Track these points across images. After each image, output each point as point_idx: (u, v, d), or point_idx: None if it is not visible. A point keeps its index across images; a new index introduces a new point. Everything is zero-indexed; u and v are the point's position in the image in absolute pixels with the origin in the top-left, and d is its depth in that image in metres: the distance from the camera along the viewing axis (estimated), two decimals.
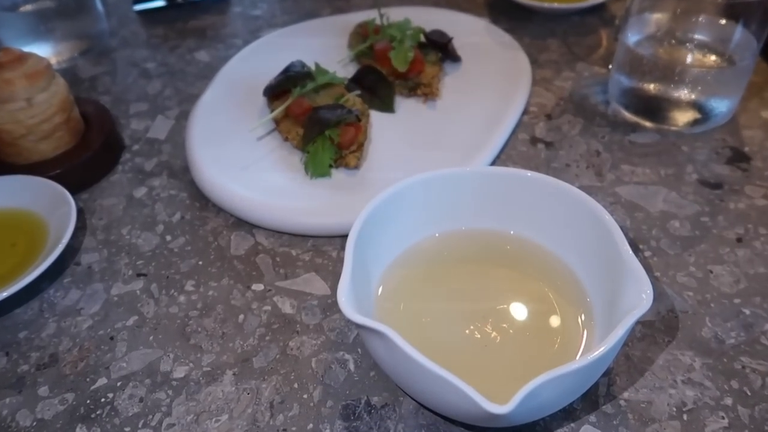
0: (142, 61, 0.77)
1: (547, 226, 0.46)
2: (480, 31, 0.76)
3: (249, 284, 0.49)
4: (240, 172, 0.56)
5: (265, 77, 0.66)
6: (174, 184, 0.59)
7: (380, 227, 0.45)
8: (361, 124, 0.59)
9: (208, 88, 0.68)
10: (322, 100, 0.62)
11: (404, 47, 0.65)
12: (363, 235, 0.42)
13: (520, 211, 0.47)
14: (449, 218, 0.48)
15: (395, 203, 0.45)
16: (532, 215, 0.46)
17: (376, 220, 0.44)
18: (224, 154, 0.59)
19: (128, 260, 0.52)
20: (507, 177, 0.46)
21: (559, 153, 0.60)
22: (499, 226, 0.48)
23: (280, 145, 0.60)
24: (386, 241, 0.46)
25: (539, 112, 0.65)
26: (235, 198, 0.54)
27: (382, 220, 0.45)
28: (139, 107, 0.69)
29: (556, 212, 0.45)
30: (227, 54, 0.77)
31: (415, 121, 0.63)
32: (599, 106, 0.65)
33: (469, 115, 0.63)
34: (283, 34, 0.78)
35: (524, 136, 0.62)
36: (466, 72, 0.69)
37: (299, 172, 0.56)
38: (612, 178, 0.56)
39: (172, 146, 0.64)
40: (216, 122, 0.63)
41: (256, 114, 0.64)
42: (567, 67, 0.71)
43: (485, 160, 0.57)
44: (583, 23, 0.79)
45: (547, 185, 0.45)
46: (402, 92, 0.66)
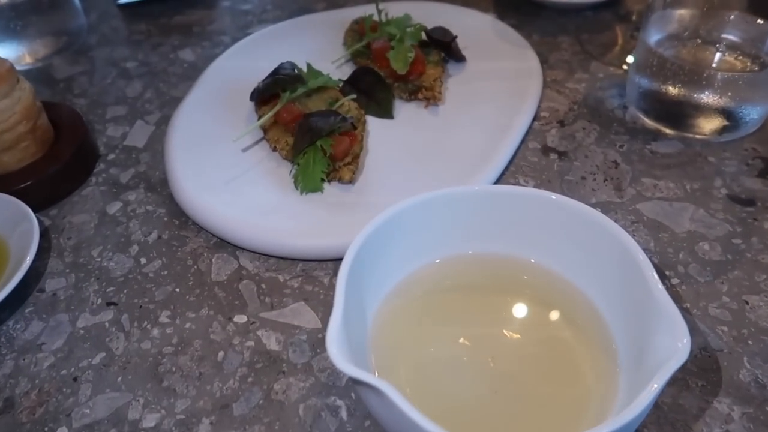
0: (122, 60, 0.72)
1: (566, 254, 0.41)
2: (485, 28, 0.71)
3: (231, 315, 0.44)
4: (223, 187, 0.51)
5: (253, 79, 0.61)
6: (151, 199, 0.53)
7: (375, 256, 0.39)
8: (356, 133, 0.53)
9: (191, 91, 0.63)
10: (314, 105, 0.57)
11: (404, 47, 0.60)
12: (356, 268, 0.37)
13: (535, 236, 0.42)
14: (453, 242, 0.43)
15: (392, 228, 0.40)
16: (548, 240, 0.41)
17: (371, 248, 0.39)
18: (206, 166, 0.53)
19: (98, 286, 0.46)
20: (520, 197, 0.41)
21: (573, 164, 0.54)
22: (510, 251, 0.43)
23: (268, 156, 0.55)
24: (382, 271, 0.41)
25: (551, 118, 0.60)
26: (217, 217, 0.49)
27: (378, 249, 0.40)
28: (116, 111, 0.64)
29: (577, 238, 0.40)
30: (213, 53, 0.72)
31: (416, 128, 0.57)
32: (616, 111, 0.60)
33: (475, 122, 0.57)
34: (274, 31, 0.72)
35: (535, 145, 0.57)
36: (470, 73, 0.64)
37: (288, 186, 0.51)
38: (632, 193, 0.51)
39: (150, 155, 0.58)
40: (198, 130, 0.58)
41: (243, 120, 0.59)
42: (580, 67, 0.66)
43: (493, 172, 0.52)
44: (597, 19, 0.73)
45: (566, 208, 0.40)
46: (401, 96, 0.60)
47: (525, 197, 0.41)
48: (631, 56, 0.67)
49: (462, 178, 0.51)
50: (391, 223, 0.40)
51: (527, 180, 0.53)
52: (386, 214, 0.40)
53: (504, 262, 0.43)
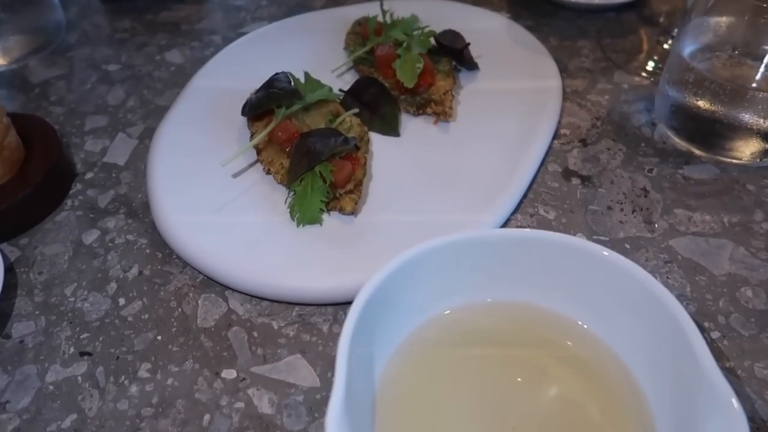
0: (104, 61, 0.66)
1: (599, 308, 0.36)
2: (499, 31, 0.65)
3: (218, 370, 0.39)
4: (211, 217, 0.46)
5: (245, 87, 0.55)
6: (132, 227, 0.48)
7: (382, 310, 0.35)
8: (359, 156, 0.48)
9: (178, 101, 0.57)
10: (312, 121, 0.52)
11: (411, 56, 0.54)
12: (360, 327, 0.33)
13: (563, 285, 0.37)
14: (470, 289, 0.38)
15: (401, 278, 0.35)
16: (578, 291, 0.37)
17: (377, 303, 0.34)
18: (192, 191, 0.48)
19: (70, 332, 0.42)
20: (546, 243, 0.37)
21: (598, 191, 0.49)
22: (534, 300, 0.38)
23: (262, 179, 0.49)
24: (391, 324, 0.36)
25: (572, 136, 0.54)
26: (203, 253, 0.44)
27: (385, 302, 0.35)
28: (96, 122, 0.59)
29: (613, 293, 0.35)
30: (203, 55, 0.66)
31: (424, 147, 0.52)
32: (644, 128, 0.55)
33: (489, 141, 0.52)
34: (269, 31, 0.66)
35: (555, 168, 0.51)
36: (483, 84, 0.58)
37: (283, 216, 0.46)
38: (664, 227, 0.46)
39: (132, 174, 0.53)
40: (184, 147, 0.52)
41: (234, 135, 0.53)
42: (602, 76, 0.61)
43: (511, 201, 0.47)
44: (620, 21, 0.68)
45: (600, 259, 0.35)
46: (408, 110, 0.55)
47: (555, 244, 0.36)
48: (652, 62, 0.62)
49: (477, 207, 0.46)
50: (399, 273, 0.35)
51: (547, 210, 0.48)
52: (394, 264, 0.35)
53: (527, 312, 0.38)
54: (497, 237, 0.37)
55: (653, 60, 0.62)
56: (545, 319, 0.38)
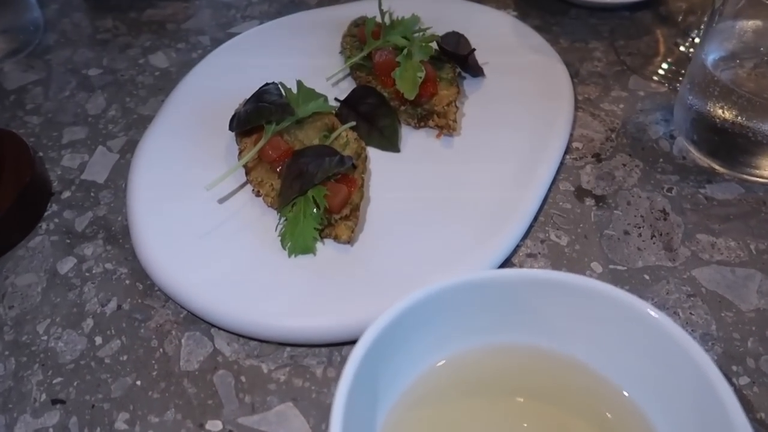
0: (84, 65, 0.62)
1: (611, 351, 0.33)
2: (505, 32, 0.61)
3: (202, 421, 0.36)
4: (194, 245, 0.43)
5: (235, 95, 0.52)
6: (111, 254, 0.45)
7: (383, 361, 0.31)
8: (356, 178, 0.44)
9: (162, 110, 0.53)
10: (305, 136, 0.48)
11: (412, 64, 0.50)
12: (358, 382, 0.29)
13: (574, 328, 0.34)
14: (477, 332, 0.35)
15: (403, 326, 0.32)
16: (593, 336, 0.33)
17: (376, 354, 0.31)
18: (175, 215, 0.45)
19: (42, 376, 0.38)
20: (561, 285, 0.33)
21: (614, 213, 0.46)
22: (544, 344, 0.35)
23: (251, 201, 0.46)
24: (391, 375, 0.33)
25: (585, 151, 0.51)
26: (186, 288, 0.40)
27: (386, 352, 0.32)
28: (75, 133, 0.55)
29: (633, 341, 0.32)
30: (189, 58, 0.62)
31: (426, 164, 0.48)
32: (662, 141, 0.51)
33: (496, 156, 0.48)
34: (260, 33, 0.62)
35: (568, 187, 0.48)
36: (489, 92, 0.54)
37: (274, 244, 0.43)
38: (686, 255, 0.43)
39: (112, 193, 0.49)
40: (167, 164, 0.48)
41: (222, 151, 0.50)
42: (617, 82, 0.57)
43: (520, 225, 0.43)
44: (635, 21, 0.63)
45: (622, 305, 0.32)
46: (409, 122, 0.51)
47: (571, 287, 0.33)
48: (669, 67, 0.58)
49: (483, 233, 0.43)
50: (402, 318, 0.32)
51: (559, 234, 0.44)
52: (396, 309, 0.32)
53: (537, 358, 0.35)
54: (510, 278, 0.34)
55: (670, 64, 0.58)
56: (558, 366, 0.35)
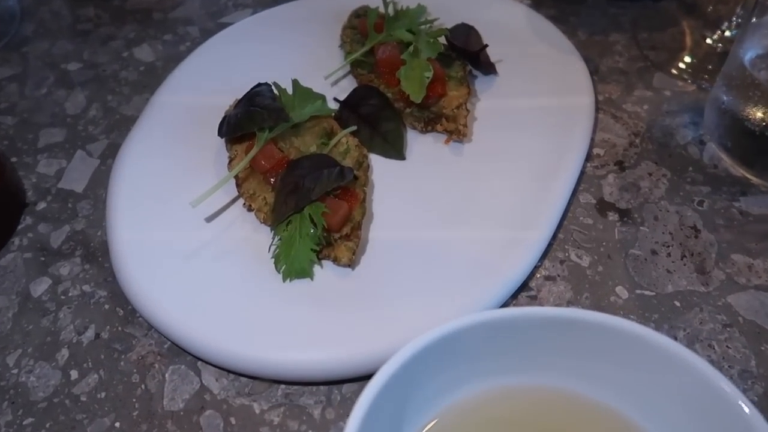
0: (63, 59, 0.58)
1: (650, 402, 0.29)
2: (518, 23, 0.56)
3: None
4: (180, 267, 0.39)
5: (225, 94, 0.48)
6: (90, 274, 0.41)
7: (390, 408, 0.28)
8: (357, 192, 0.40)
9: (146, 112, 0.49)
10: (302, 142, 0.44)
11: (419, 62, 0.46)
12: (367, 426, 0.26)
13: (604, 372, 0.30)
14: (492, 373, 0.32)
15: (410, 372, 0.28)
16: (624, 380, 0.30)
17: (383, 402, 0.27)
18: (159, 232, 0.41)
19: (11, 416, 0.35)
20: (588, 326, 0.29)
21: (639, 230, 0.42)
22: (568, 386, 0.31)
23: (242, 216, 0.42)
24: (397, 424, 0.29)
25: (607, 158, 0.46)
26: (170, 316, 0.36)
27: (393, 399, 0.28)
28: (52, 136, 0.50)
29: (672, 390, 0.28)
30: (177, 51, 0.58)
31: (434, 174, 0.44)
32: (691, 147, 0.47)
33: (510, 165, 0.44)
34: (253, 24, 0.57)
35: (589, 199, 0.44)
36: (502, 91, 0.50)
37: (267, 266, 0.39)
38: (721, 278, 0.39)
39: (91, 204, 0.45)
40: (151, 172, 0.44)
41: (211, 157, 0.46)
42: (640, 80, 0.52)
43: (537, 243, 0.40)
44: (658, 10, 0.59)
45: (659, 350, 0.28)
46: (415, 126, 0.47)
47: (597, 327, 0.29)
48: (696, 62, 0.53)
49: (497, 254, 0.39)
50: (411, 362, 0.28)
51: (580, 254, 0.40)
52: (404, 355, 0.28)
53: (566, 402, 0.32)
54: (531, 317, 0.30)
55: (699, 60, 0.54)
56: (584, 411, 0.31)
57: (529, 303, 0.38)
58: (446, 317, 0.36)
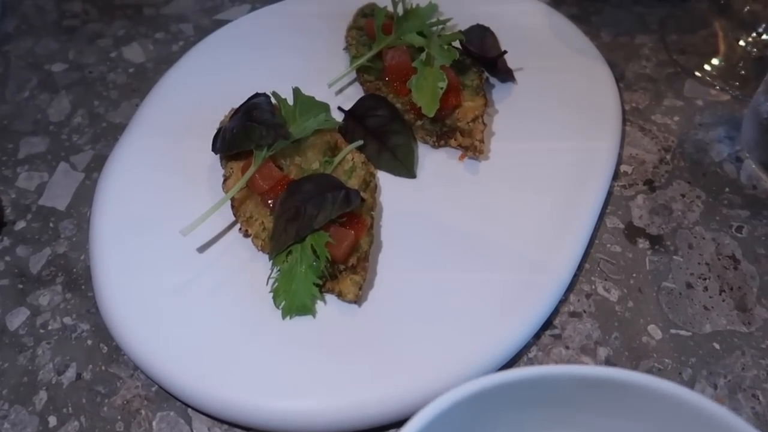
0: (47, 59, 0.54)
1: None
2: (537, 23, 0.52)
3: None
4: (169, 300, 0.35)
5: (222, 100, 0.44)
6: (71, 304, 0.38)
7: None
8: (364, 218, 0.37)
9: (135, 120, 0.45)
10: (303, 159, 0.40)
11: (432, 72, 0.42)
12: None
13: None
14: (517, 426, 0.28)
15: None
16: None
17: None
18: (146, 260, 0.37)
19: None
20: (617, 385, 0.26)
21: (673, 259, 0.38)
22: None
23: (238, 242, 0.38)
24: None
25: (636, 176, 0.43)
26: (158, 357, 0.33)
27: None
28: (33, 146, 0.47)
29: None
30: (169, 51, 0.54)
31: (447, 194, 0.40)
32: (726, 165, 0.43)
33: (531, 184, 0.41)
34: (251, 23, 0.53)
35: (616, 224, 0.40)
36: (520, 100, 0.46)
37: (265, 300, 0.35)
38: (764, 317, 0.35)
39: (75, 224, 0.42)
40: (139, 189, 0.41)
41: (204, 174, 0.42)
42: (670, 88, 0.48)
43: (561, 275, 0.36)
44: (688, 11, 0.54)
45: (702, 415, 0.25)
46: (426, 140, 0.43)
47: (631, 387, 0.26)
48: (730, 68, 0.49)
49: (519, 285, 0.35)
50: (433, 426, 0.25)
51: (608, 287, 0.37)
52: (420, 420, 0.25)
53: None
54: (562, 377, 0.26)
55: (733, 65, 0.49)
56: None
57: (552, 342, 0.35)
58: (463, 363, 0.33)
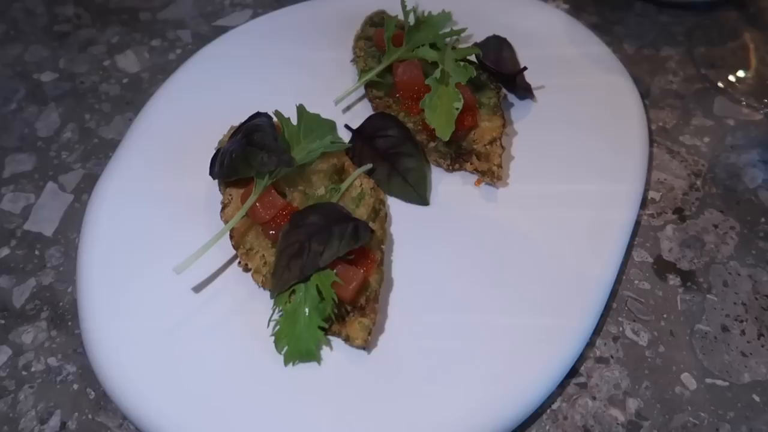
0: (37, 67, 0.51)
1: None
2: (556, 34, 0.49)
3: None
4: (160, 343, 0.32)
5: (221, 116, 0.41)
6: (57, 343, 0.35)
7: None
8: (373, 253, 0.34)
9: (128, 137, 0.42)
10: (308, 184, 0.37)
11: (447, 91, 0.39)
12: None
13: None
14: None
15: None
16: None
17: None
18: (137, 296, 0.34)
19: None
20: None
21: (706, 299, 0.35)
22: None
23: (236, 276, 0.35)
24: None
25: (664, 204, 0.40)
26: (148, 408, 0.30)
27: None
28: (20, 164, 0.44)
29: None
30: (166, 60, 0.51)
31: (463, 225, 0.37)
32: (762, 192, 0.40)
33: (552, 213, 0.38)
34: (253, 30, 0.50)
35: (644, 257, 0.37)
36: (539, 119, 0.43)
37: (266, 344, 0.32)
38: None
39: (62, 252, 0.39)
40: (132, 216, 0.38)
41: (201, 198, 0.39)
42: (698, 105, 0.45)
43: (587, 317, 0.33)
44: (717, 21, 0.51)
45: None
46: (440, 163, 0.40)
47: None
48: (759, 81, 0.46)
49: (542, 328, 0.33)
50: None
51: (637, 329, 0.34)
52: None
53: None
54: None
55: (764, 80, 0.46)
56: None
57: (578, 392, 0.32)
58: (481, 417, 0.30)
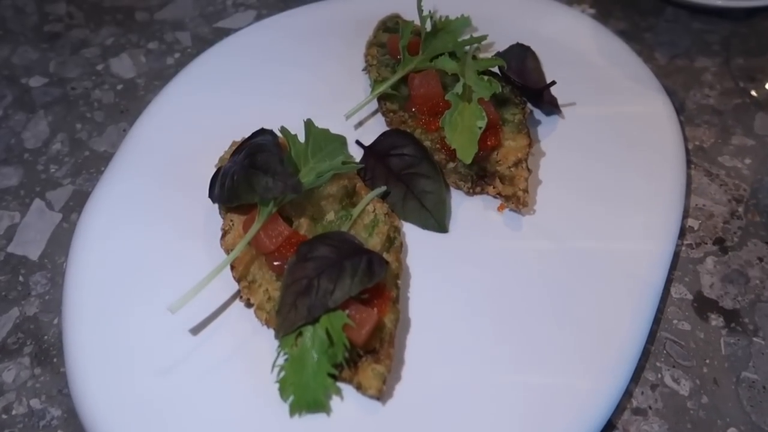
0: (25, 71, 0.47)
1: None
2: (582, 42, 0.45)
3: None
4: (152, 387, 0.29)
5: (222, 129, 0.38)
6: (41, 383, 0.32)
7: None
8: (388, 290, 0.31)
9: (122, 150, 0.39)
10: (316, 209, 0.34)
11: (470, 108, 0.35)
12: None
13: None
14: None
15: None
16: None
17: None
18: (128, 333, 0.31)
19: None
20: None
21: (752, 342, 0.32)
22: None
23: (239, 312, 0.32)
24: None
25: (704, 233, 0.37)
26: None
27: None
28: (5, 177, 0.41)
29: None
30: (163, 65, 0.47)
31: (485, 257, 0.34)
32: None
33: (582, 245, 0.34)
34: (256, 35, 0.47)
35: (683, 293, 0.34)
36: (566, 138, 0.40)
37: (269, 390, 0.29)
38: None
39: (48, 279, 0.36)
40: (123, 241, 0.35)
41: (200, 221, 0.36)
42: (738, 122, 0.42)
43: (622, 363, 0.30)
44: (753, 28, 0.48)
45: None
46: (460, 185, 0.37)
47: None
48: None
49: (572, 378, 0.30)
50: None
51: (677, 376, 0.31)
52: None
53: None
54: None
55: None
56: None
57: None
58: None
